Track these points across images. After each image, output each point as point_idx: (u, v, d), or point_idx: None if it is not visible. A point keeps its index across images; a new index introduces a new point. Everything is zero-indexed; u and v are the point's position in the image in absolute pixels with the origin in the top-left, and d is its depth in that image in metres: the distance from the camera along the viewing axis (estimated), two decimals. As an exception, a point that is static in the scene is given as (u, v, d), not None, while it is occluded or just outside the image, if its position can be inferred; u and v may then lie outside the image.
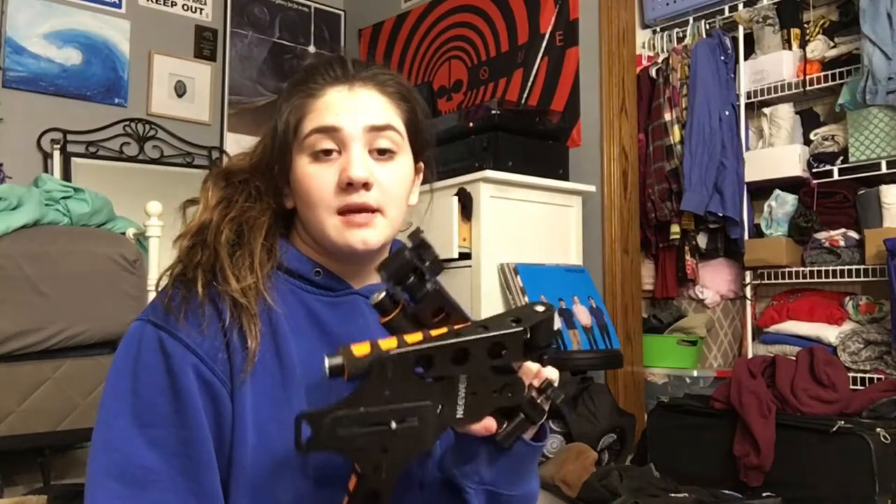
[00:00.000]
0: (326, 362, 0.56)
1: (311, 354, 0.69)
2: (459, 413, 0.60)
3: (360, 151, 0.69)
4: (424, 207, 0.83)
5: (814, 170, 2.31)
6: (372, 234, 0.70)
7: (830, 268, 2.22)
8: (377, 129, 0.70)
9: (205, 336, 0.65)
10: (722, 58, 2.45)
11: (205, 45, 3.10)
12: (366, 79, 0.72)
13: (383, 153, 0.71)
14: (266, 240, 0.71)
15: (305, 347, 0.69)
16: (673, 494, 1.66)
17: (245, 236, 0.70)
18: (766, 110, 2.45)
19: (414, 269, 0.61)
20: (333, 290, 0.74)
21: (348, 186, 0.68)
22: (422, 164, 0.80)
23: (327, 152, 0.69)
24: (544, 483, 1.72)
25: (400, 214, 0.74)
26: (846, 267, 2.18)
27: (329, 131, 0.69)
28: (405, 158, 0.73)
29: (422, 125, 0.76)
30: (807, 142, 2.40)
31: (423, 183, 0.81)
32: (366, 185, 0.68)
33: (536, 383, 0.64)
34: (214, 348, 0.65)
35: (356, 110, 0.70)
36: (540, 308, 0.63)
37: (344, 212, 0.69)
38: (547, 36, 2.61)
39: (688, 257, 2.48)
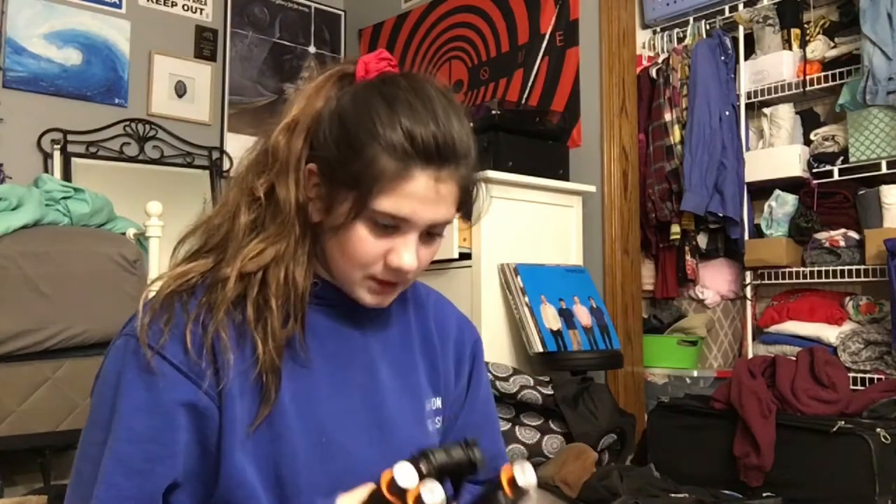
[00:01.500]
0: None
1: (303, 366, 0.69)
2: None
3: (416, 239, 0.69)
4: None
5: (814, 170, 2.31)
6: (390, 299, 0.72)
7: (831, 268, 2.22)
8: (440, 224, 0.70)
9: (191, 355, 0.64)
10: (722, 58, 2.44)
11: (205, 45, 3.10)
12: (452, 170, 0.67)
13: (432, 236, 0.71)
14: (307, 271, 0.69)
15: (298, 359, 0.69)
16: (673, 494, 1.66)
17: (293, 278, 0.68)
18: (766, 110, 2.45)
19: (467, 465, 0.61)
20: (330, 299, 0.73)
21: (394, 270, 0.68)
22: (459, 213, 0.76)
23: (387, 228, 0.67)
24: (544, 483, 1.72)
25: None
26: (846, 267, 2.18)
27: (399, 220, 0.67)
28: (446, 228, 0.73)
29: (472, 190, 0.73)
30: (807, 142, 2.40)
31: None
32: (408, 272, 0.69)
33: None
34: (201, 368, 0.64)
35: (433, 205, 0.67)
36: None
37: (377, 281, 0.70)
38: (547, 36, 2.61)
39: (688, 257, 2.48)
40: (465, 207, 0.74)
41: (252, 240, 0.68)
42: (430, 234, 0.70)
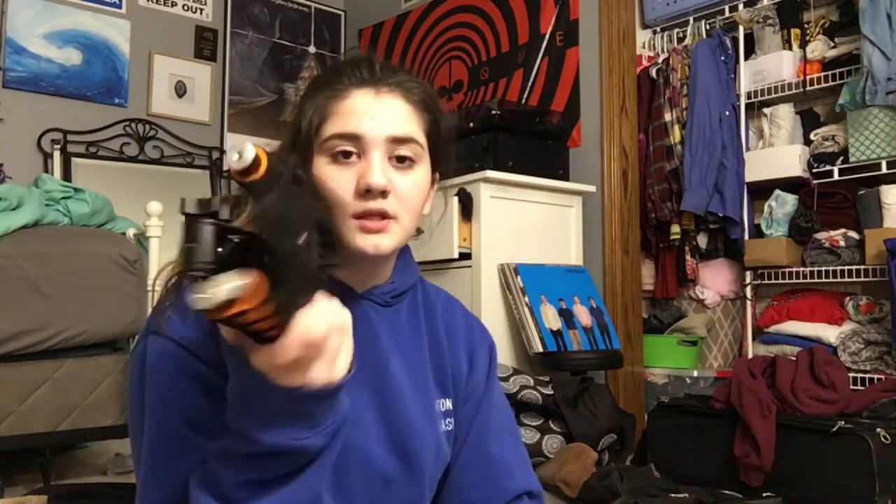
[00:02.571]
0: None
1: None
2: None
3: (381, 159, 0.69)
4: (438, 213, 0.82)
5: (814, 170, 2.30)
6: (385, 240, 0.69)
7: (831, 268, 2.22)
8: (399, 141, 0.69)
9: (190, 327, 0.63)
10: (722, 58, 2.44)
11: (205, 45, 3.10)
12: (393, 85, 0.70)
13: (402, 161, 0.70)
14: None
15: None
16: (673, 494, 1.66)
17: None
18: (766, 110, 2.45)
19: None
20: (338, 296, 0.73)
21: (366, 192, 0.68)
22: (437, 175, 0.78)
23: (347, 154, 0.69)
24: (544, 483, 1.72)
25: (414, 223, 0.73)
26: (846, 267, 2.18)
27: (350, 138, 0.68)
28: (423, 168, 0.73)
29: (443, 136, 0.74)
30: (807, 142, 2.39)
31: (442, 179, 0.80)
32: (383, 193, 0.68)
33: None
34: (204, 339, 0.63)
35: (380, 118, 0.69)
36: None
37: (360, 216, 0.68)
38: (547, 36, 2.61)
39: (688, 257, 2.48)
40: (438, 156, 0.74)
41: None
42: (401, 158, 0.70)
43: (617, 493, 1.60)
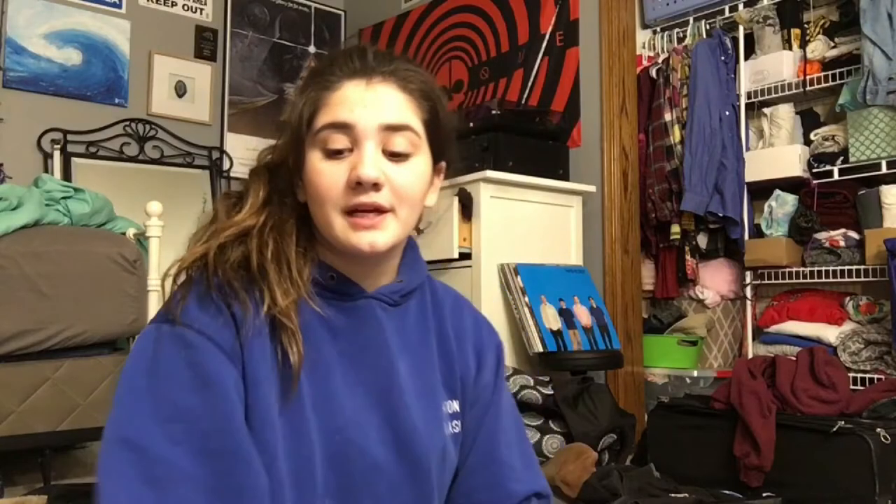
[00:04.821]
0: None
1: (319, 367, 0.67)
2: None
3: (373, 150, 0.66)
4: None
5: (814, 170, 2.30)
6: (380, 237, 0.67)
7: (831, 268, 2.21)
8: (393, 129, 0.67)
9: (224, 329, 0.63)
10: (722, 58, 2.44)
11: (205, 45, 3.10)
12: (386, 73, 0.68)
13: (398, 156, 0.67)
14: (299, 244, 0.69)
15: (315, 357, 0.67)
16: (673, 494, 1.65)
17: (282, 246, 0.67)
18: (766, 110, 2.44)
19: None
20: (347, 295, 0.71)
21: (357, 186, 0.65)
22: (443, 164, 0.76)
23: (339, 151, 0.66)
24: (544, 483, 1.72)
25: (413, 215, 0.71)
26: (846, 267, 2.18)
27: (342, 128, 0.66)
28: (422, 159, 0.70)
29: (443, 125, 0.72)
30: (807, 142, 2.39)
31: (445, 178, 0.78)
32: (376, 186, 0.65)
33: None
34: (235, 345, 0.63)
35: (372, 107, 0.66)
36: None
37: (352, 212, 0.66)
38: (547, 36, 2.60)
39: (688, 257, 2.47)
40: (438, 145, 0.72)
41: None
42: (395, 153, 0.67)
43: (617, 492, 1.59)
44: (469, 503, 0.77)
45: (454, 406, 0.77)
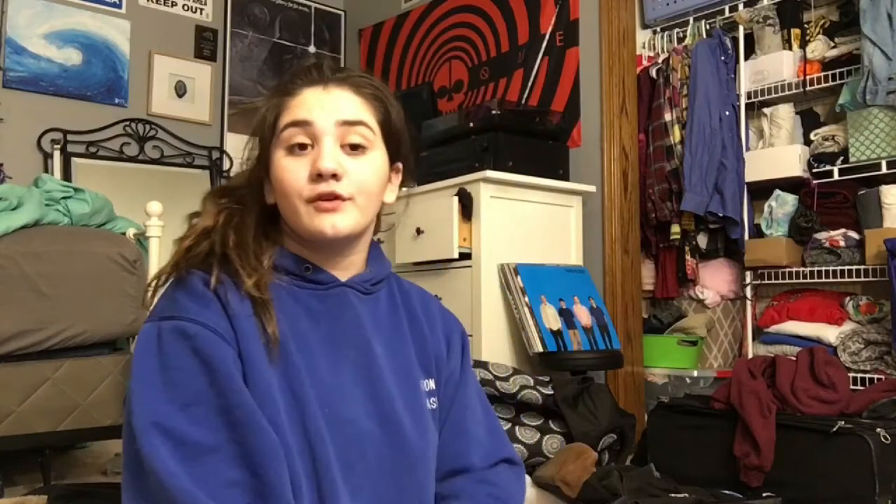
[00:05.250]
0: None
1: (305, 349, 0.73)
2: None
3: (332, 145, 0.74)
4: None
5: (814, 170, 2.30)
6: (340, 220, 0.74)
7: (831, 268, 2.21)
8: (349, 124, 0.74)
9: (216, 316, 0.69)
10: (722, 58, 2.44)
11: (205, 45, 3.10)
12: (340, 79, 0.77)
13: (355, 148, 0.75)
14: (257, 236, 0.77)
15: (301, 342, 0.73)
16: (673, 494, 1.65)
17: (242, 236, 0.75)
18: (766, 110, 2.44)
19: None
20: (323, 284, 0.78)
21: (318, 177, 0.72)
22: (400, 165, 0.83)
23: (301, 146, 0.74)
24: (544, 483, 1.72)
25: (371, 205, 0.78)
26: (846, 267, 2.18)
27: (302, 125, 0.73)
28: (377, 154, 0.77)
29: (396, 125, 0.80)
30: (807, 142, 2.39)
31: (402, 186, 0.85)
32: (335, 176, 0.73)
33: None
34: (228, 329, 0.69)
35: (329, 106, 0.74)
36: None
37: (314, 200, 0.73)
38: (547, 36, 2.60)
39: (688, 257, 2.47)
40: (393, 144, 0.79)
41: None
42: (353, 145, 0.75)
43: (617, 493, 1.59)
44: (442, 470, 0.84)
45: (430, 384, 0.84)
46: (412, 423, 0.77)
